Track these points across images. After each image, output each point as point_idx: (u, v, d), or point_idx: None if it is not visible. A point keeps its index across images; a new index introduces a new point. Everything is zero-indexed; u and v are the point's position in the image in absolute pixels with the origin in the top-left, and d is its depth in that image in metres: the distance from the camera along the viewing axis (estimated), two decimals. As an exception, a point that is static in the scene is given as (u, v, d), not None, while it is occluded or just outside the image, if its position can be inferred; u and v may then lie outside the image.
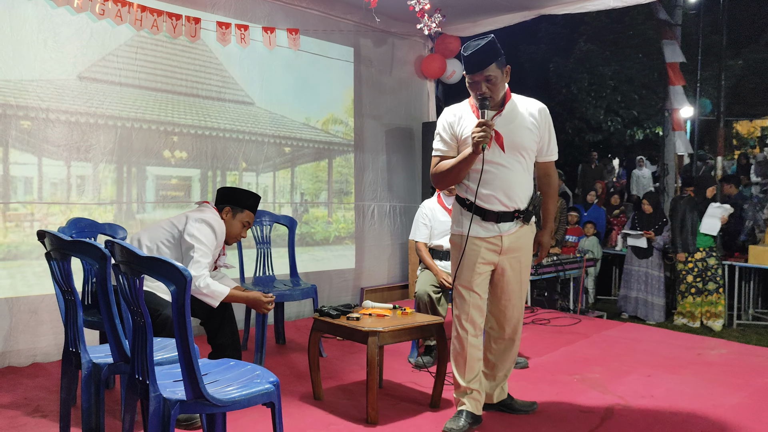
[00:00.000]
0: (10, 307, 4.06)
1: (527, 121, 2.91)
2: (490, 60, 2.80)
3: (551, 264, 6.12)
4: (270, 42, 5.39)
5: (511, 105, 2.93)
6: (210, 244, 3.28)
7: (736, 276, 6.69)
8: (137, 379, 2.18)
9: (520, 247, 3.01)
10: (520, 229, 2.99)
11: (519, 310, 3.13)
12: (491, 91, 2.83)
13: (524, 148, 2.90)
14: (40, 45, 4.21)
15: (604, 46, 14.91)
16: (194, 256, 3.18)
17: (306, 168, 5.92)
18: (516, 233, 2.97)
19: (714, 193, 6.59)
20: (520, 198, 2.94)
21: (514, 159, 2.90)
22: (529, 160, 2.96)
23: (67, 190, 4.38)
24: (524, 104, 2.95)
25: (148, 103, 4.78)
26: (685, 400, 3.53)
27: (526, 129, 2.90)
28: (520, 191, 2.93)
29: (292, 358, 4.35)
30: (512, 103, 2.94)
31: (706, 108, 15.24)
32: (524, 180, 2.94)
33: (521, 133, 2.89)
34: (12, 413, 3.18)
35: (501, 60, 2.85)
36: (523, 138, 2.89)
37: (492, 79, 2.82)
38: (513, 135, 2.88)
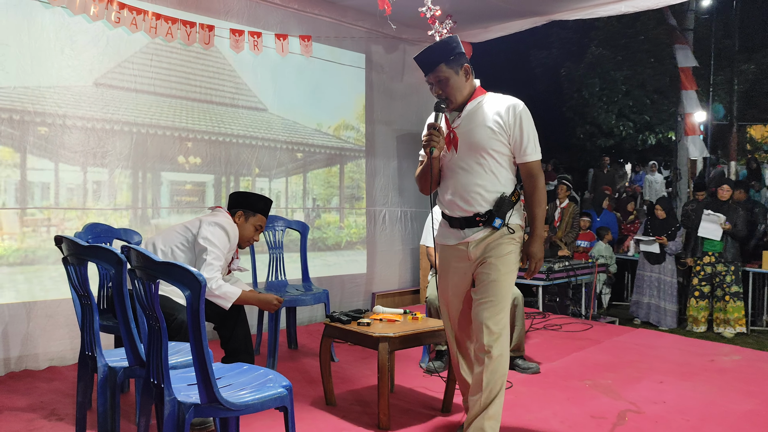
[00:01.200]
0: (27, 311, 4.12)
1: (489, 120, 2.68)
2: (439, 60, 2.68)
3: (563, 269, 6.11)
4: (283, 49, 5.44)
5: (475, 105, 2.73)
6: (223, 248, 3.32)
7: (750, 282, 6.64)
8: (152, 383, 2.21)
9: (488, 252, 2.71)
10: (489, 233, 2.71)
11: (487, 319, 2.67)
12: (445, 92, 2.71)
13: (484, 149, 2.68)
14: (57, 52, 4.28)
15: (615, 51, 14.87)
16: (207, 258, 3.22)
17: (318, 173, 5.96)
18: (484, 239, 2.72)
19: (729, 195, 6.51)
20: (479, 201, 2.70)
21: (474, 160, 2.70)
22: (495, 161, 2.70)
23: (84, 195, 4.44)
24: (492, 102, 2.72)
25: (162, 109, 4.83)
26: (698, 407, 3.52)
27: (487, 128, 2.67)
28: (478, 194, 2.70)
29: (304, 362, 4.38)
30: (476, 102, 2.74)
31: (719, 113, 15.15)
32: (486, 182, 2.70)
33: (480, 132, 2.68)
34: (29, 416, 3.22)
35: (455, 59, 2.69)
36: (481, 138, 2.68)
37: (443, 80, 2.69)
38: (470, 136, 2.70)
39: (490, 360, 2.63)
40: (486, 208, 2.70)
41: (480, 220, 2.71)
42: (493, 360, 2.63)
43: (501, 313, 2.69)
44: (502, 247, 2.71)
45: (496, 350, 2.64)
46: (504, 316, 2.70)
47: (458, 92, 2.72)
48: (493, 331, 2.65)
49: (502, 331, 2.68)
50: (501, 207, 2.68)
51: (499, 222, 2.68)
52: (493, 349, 2.63)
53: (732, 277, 6.33)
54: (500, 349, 2.65)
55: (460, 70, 2.71)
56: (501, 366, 2.65)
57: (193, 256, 3.32)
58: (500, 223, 2.68)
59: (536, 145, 2.72)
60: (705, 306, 6.43)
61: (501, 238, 2.71)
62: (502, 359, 2.65)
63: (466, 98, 2.74)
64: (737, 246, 6.42)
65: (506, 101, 2.72)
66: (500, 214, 2.68)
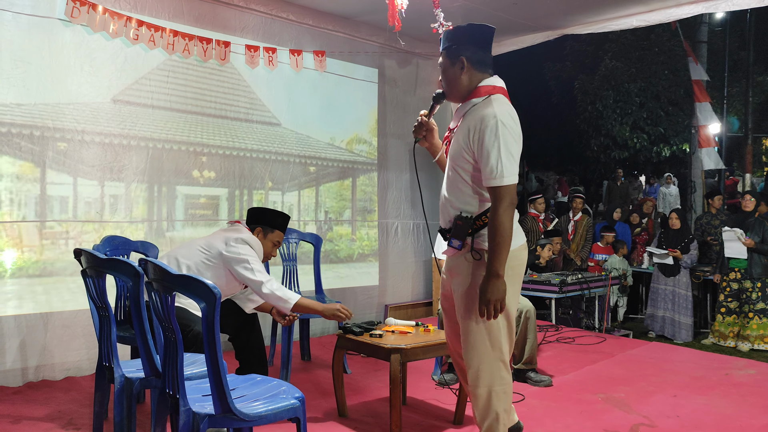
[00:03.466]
0: (45, 322, 4.19)
1: (465, 129, 2.43)
2: (441, 47, 2.54)
3: (576, 282, 6.10)
4: (297, 64, 5.52)
5: (465, 109, 2.49)
6: (256, 256, 3.34)
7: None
8: (168, 394, 2.25)
9: (454, 275, 2.54)
10: (454, 253, 2.51)
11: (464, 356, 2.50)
12: (443, 83, 2.57)
13: (453, 161, 2.50)
14: (76, 69, 4.38)
15: (629, 63, 14.85)
16: (253, 266, 3.23)
17: (330, 187, 6.02)
18: (450, 257, 2.56)
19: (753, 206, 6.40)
20: (445, 216, 2.55)
21: (449, 171, 2.54)
22: (460, 177, 2.47)
23: (101, 208, 4.52)
24: (480, 110, 2.41)
25: (178, 124, 4.92)
26: (712, 421, 3.50)
27: (460, 139, 2.45)
28: (446, 208, 2.54)
29: (317, 374, 4.40)
30: (470, 105, 2.48)
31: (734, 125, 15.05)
32: (454, 199, 2.50)
33: (456, 145, 2.48)
34: (47, 426, 3.28)
35: (452, 49, 2.49)
36: (456, 151, 2.49)
37: (441, 69, 2.54)
38: (453, 146, 2.53)
39: (475, 398, 2.49)
40: (447, 225, 2.52)
41: (445, 236, 2.53)
42: (477, 398, 2.48)
43: (472, 351, 2.46)
44: (461, 274, 2.49)
45: (478, 389, 2.46)
46: (475, 356, 2.45)
47: (451, 85, 2.53)
48: (470, 366, 2.48)
49: (480, 365, 2.44)
50: (456, 227, 2.45)
51: (458, 243, 2.44)
52: (476, 388, 2.47)
53: (758, 294, 6.21)
54: (483, 387, 2.45)
55: (456, 62, 2.48)
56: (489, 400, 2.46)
57: (217, 272, 3.30)
58: (459, 244, 2.44)
59: (500, 167, 2.31)
60: (732, 321, 6.35)
61: (462, 263, 2.49)
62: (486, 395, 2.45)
63: (463, 95, 2.52)
64: (764, 262, 6.26)
65: (485, 110, 2.38)
66: (456, 234, 2.45)
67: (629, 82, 14.70)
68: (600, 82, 15.04)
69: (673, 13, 5.30)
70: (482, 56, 2.50)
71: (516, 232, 2.45)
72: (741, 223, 6.30)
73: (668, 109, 14.93)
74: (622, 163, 15.43)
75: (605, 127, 15.07)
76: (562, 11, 5.60)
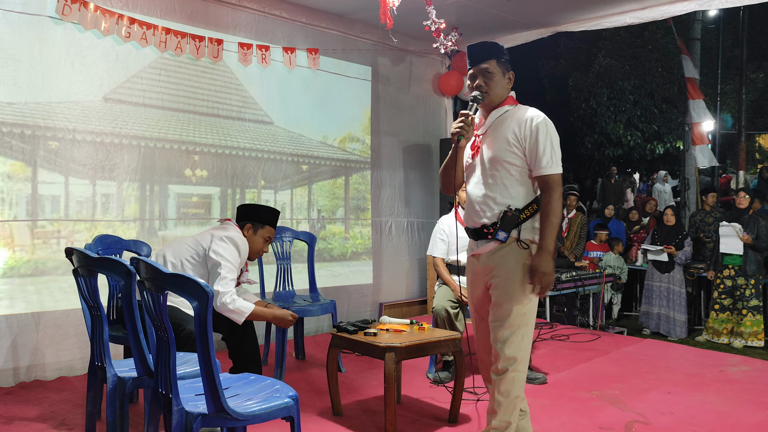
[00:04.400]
0: (37, 321, 4.16)
1: (509, 131, 2.65)
2: (491, 56, 2.69)
3: (570, 279, 6.10)
4: (290, 62, 5.50)
5: (501, 113, 2.71)
6: (235, 261, 3.34)
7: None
8: (160, 393, 2.24)
9: (497, 267, 2.65)
10: (497, 247, 2.65)
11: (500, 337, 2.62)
12: (487, 86, 2.68)
13: (498, 161, 2.66)
14: (67, 68, 4.35)
15: (623, 61, 14.88)
16: (221, 272, 3.24)
17: (323, 185, 6.00)
18: (492, 251, 2.67)
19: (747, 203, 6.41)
20: (487, 213, 2.68)
21: (489, 171, 2.69)
22: (507, 173, 2.65)
23: (93, 207, 4.49)
24: (516, 114, 2.69)
25: (170, 123, 4.89)
26: (706, 418, 3.50)
27: (504, 139, 2.65)
28: (487, 206, 2.68)
29: (311, 373, 4.39)
30: (503, 111, 2.71)
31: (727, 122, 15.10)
32: (497, 194, 2.66)
33: (498, 145, 2.67)
34: (39, 426, 3.25)
35: (505, 62, 2.72)
36: (498, 149, 2.66)
37: (489, 73, 2.68)
38: (490, 145, 2.70)
39: (501, 383, 2.59)
40: (493, 221, 2.66)
41: (487, 232, 2.67)
42: (504, 384, 2.58)
43: (514, 335, 2.59)
44: (508, 264, 2.63)
45: (509, 374, 2.58)
46: (517, 338, 2.59)
47: (496, 93, 2.71)
48: (505, 354, 2.59)
49: (517, 353, 2.59)
50: (505, 220, 2.62)
51: (504, 235, 2.61)
52: (507, 373, 2.58)
53: (752, 291, 6.21)
54: (513, 373, 2.58)
55: (507, 73, 2.73)
56: (514, 388, 2.58)
57: (203, 270, 3.34)
58: (505, 236, 2.61)
59: (553, 158, 2.61)
60: (726, 318, 6.36)
61: (509, 254, 2.63)
62: (514, 383, 2.58)
63: (498, 102, 2.72)
64: (759, 259, 6.27)
65: (528, 113, 2.66)
66: (504, 227, 2.62)
67: (623, 79, 14.74)
68: (594, 80, 15.07)
69: (667, 10, 5.31)
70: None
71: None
72: (735, 220, 6.31)
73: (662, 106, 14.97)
74: (616, 160, 15.46)
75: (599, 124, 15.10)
76: (556, 8, 5.60)
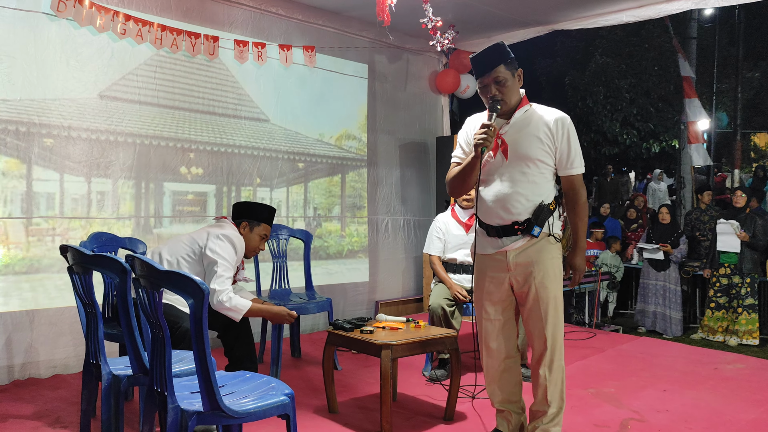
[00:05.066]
0: (31, 319, 4.15)
1: (539, 130, 2.71)
2: (498, 61, 2.70)
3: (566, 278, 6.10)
4: (286, 59, 5.49)
5: (524, 112, 2.76)
6: (231, 259, 3.33)
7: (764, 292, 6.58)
8: (156, 391, 2.23)
9: (531, 262, 2.74)
10: (529, 242, 2.73)
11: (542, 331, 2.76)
12: (502, 94, 2.70)
13: (530, 159, 2.71)
14: (62, 65, 4.32)
15: (620, 59, 14.88)
16: (217, 270, 3.23)
17: (319, 183, 5.99)
18: (523, 248, 2.74)
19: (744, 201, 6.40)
20: (519, 210, 2.72)
21: (519, 169, 2.72)
22: (538, 171, 2.73)
23: (88, 205, 4.48)
24: (541, 113, 2.76)
25: (166, 120, 4.88)
26: (701, 415, 3.51)
27: (536, 138, 2.71)
28: (518, 203, 2.72)
29: (307, 371, 4.39)
30: (526, 110, 2.77)
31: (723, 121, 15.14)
32: (529, 191, 2.72)
33: (529, 142, 2.71)
34: (34, 424, 3.24)
35: (511, 62, 2.73)
36: (529, 148, 2.71)
37: (501, 81, 2.70)
38: (519, 144, 2.72)
39: (551, 373, 2.78)
40: (525, 217, 2.72)
41: (518, 228, 2.73)
42: (553, 373, 2.78)
43: (557, 327, 2.79)
44: (546, 257, 2.76)
45: (555, 363, 2.78)
46: (559, 329, 2.80)
47: (513, 95, 2.75)
48: (553, 345, 2.77)
49: (556, 343, 2.78)
50: (539, 215, 2.70)
51: (538, 230, 2.71)
52: (553, 363, 2.77)
53: (747, 290, 6.22)
54: (559, 362, 2.79)
55: (516, 73, 2.75)
56: (561, 377, 2.81)
57: (200, 268, 3.31)
58: (539, 231, 2.72)
59: (581, 159, 2.77)
60: (721, 316, 6.37)
61: (543, 250, 2.76)
62: (561, 371, 2.80)
63: (515, 104, 2.77)
64: (755, 257, 6.28)
65: (554, 113, 2.76)
66: (539, 222, 2.71)
67: (619, 78, 14.75)
68: (590, 79, 15.07)
69: (663, 9, 5.31)
70: None
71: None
72: (732, 218, 6.32)
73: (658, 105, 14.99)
74: (612, 159, 15.47)
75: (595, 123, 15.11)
76: (553, 6, 5.60)
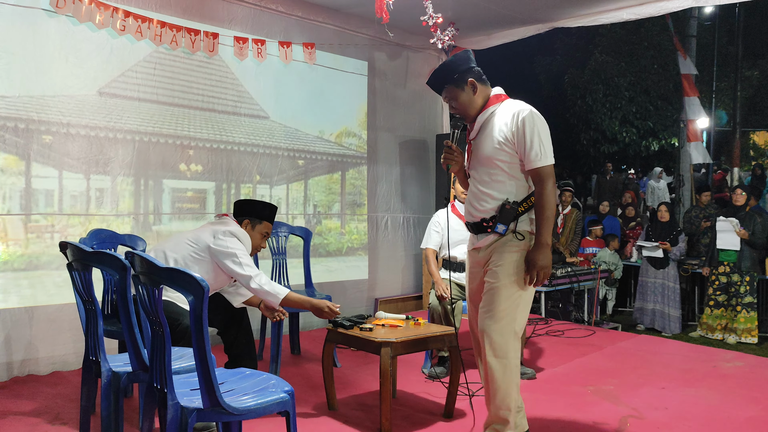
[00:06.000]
0: (30, 316, 4.15)
1: (498, 131, 2.73)
2: (443, 82, 2.82)
3: (565, 275, 6.11)
4: (286, 56, 5.48)
5: (486, 116, 2.80)
6: (244, 251, 3.31)
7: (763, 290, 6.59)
8: (155, 388, 2.23)
9: (493, 256, 2.77)
10: (495, 239, 2.76)
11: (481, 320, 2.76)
12: (457, 109, 2.84)
13: (490, 160, 2.76)
14: (61, 61, 4.32)
15: (619, 57, 14.89)
16: (241, 260, 3.21)
17: (319, 180, 5.99)
18: (490, 245, 2.79)
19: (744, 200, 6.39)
20: (485, 208, 2.78)
21: (485, 171, 2.79)
22: (503, 170, 2.75)
23: (87, 202, 4.47)
24: (502, 112, 2.77)
25: (165, 117, 4.87)
26: (699, 413, 3.52)
27: (493, 139, 2.74)
28: (485, 201, 2.78)
29: (306, 368, 4.39)
30: (489, 113, 2.80)
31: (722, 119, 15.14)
32: (495, 191, 2.76)
33: (487, 144, 2.77)
34: (33, 420, 3.24)
35: (458, 78, 2.78)
36: (487, 149, 2.76)
37: (452, 99, 2.83)
38: (480, 148, 2.80)
39: (495, 371, 2.69)
40: (491, 215, 2.77)
41: (486, 225, 2.78)
42: (495, 370, 2.69)
43: (502, 322, 2.69)
44: (504, 254, 2.74)
45: (501, 360, 2.69)
46: (506, 325, 2.69)
47: (468, 107, 2.82)
48: (494, 340, 2.69)
49: (508, 341, 2.69)
50: (503, 213, 2.72)
51: (503, 228, 2.72)
52: (500, 360, 2.69)
53: (746, 288, 6.22)
54: (503, 360, 2.68)
55: (466, 87, 2.79)
56: (507, 375, 2.68)
57: (206, 267, 3.26)
58: (504, 228, 2.72)
59: (543, 150, 2.68)
60: (720, 314, 6.37)
61: (505, 244, 2.75)
62: (507, 370, 2.68)
63: (479, 110, 2.82)
64: (754, 255, 6.27)
65: (513, 108, 2.74)
66: (502, 219, 2.72)
67: (619, 76, 14.75)
68: (590, 77, 15.08)
69: (664, 7, 5.30)
70: (482, 73, 2.84)
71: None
72: (732, 216, 6.32)
73: (657, 103, 14.99)
74: (611, 157, 15.47)
75: (595, 121, 15.12)
76: (553, 4, 5.59)
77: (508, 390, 2.69)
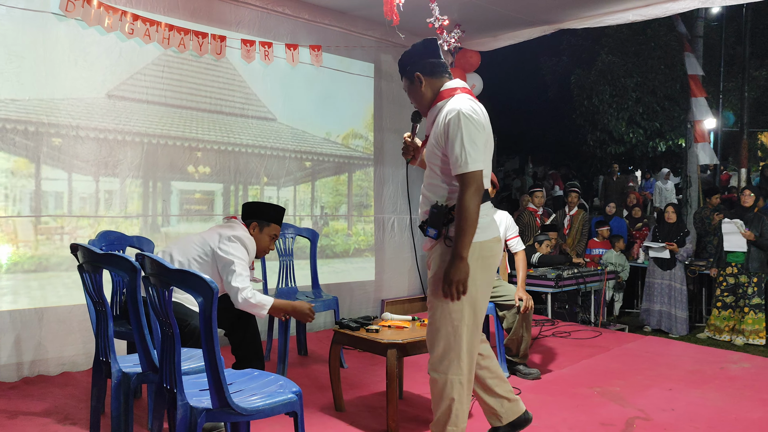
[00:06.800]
0: (40, 317, 4.18)
1: (435, 130, 2.60)
2: (402, 75, 2.76)
3: (571, 276, 6.11)
4: (293, 59, 5.51)
5: (434, 112, 2.66)
6: (245, 259, 3.34)
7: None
8: (165, 388, 2.25)
9: (431, 265, 2.66)
10: (431, 244, 2.64)
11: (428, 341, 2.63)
12: (412, 101, 2.77)
13: (428, 158, 2.66)
14: (71, 64, 4.35)
15: (626, 58, 14.83)
16: (236, 270, 3.23)
17: (326, 182, 6.01)
18: (428, 249, 2.67)
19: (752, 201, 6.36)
20: (423, 210, 2.68)
21: (427, 171, 2.71)
22: (435, 173, 2.62)
23: (96, 204, 4.51)
24: (444, 110, 2.58)
25: (173, 120, 4.90)
26: (707, 414, 3.52)
27: (430, 139, 2.63)
28: (423, 204, 2.68)
29: (313, 369, 4.41)
30: (435, 110, 2.65)
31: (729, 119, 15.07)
32: (431, 193, 2.64)
33: (429, 143, 2.66)
34: (43, 421, 3.27)
35: (408, 71, 2.70)
36: (427, 149, 2.67)
37: (407, 93, 2.76)
38: (427, 145, 2.70)
39: (433, 384, 2.61)
40: (425, 218, 2.65)
41: (422, 229, 2.67)
42: (432, 383, 2.61)
43: (437, 334, 2.56)
44: (436, 261, 2.61)
45: (434, 374, 2.59)
46: (442, 338, 2.55)
47: (418, 101, 2.73)
48: (431, 353, 2.61)
49: (440, 351, 2.55)
50: (431, 216, 2.58)
51: (434, 232, 2.57)
52: (433, 373, 2.60)
53: (754, 289, 6.21)
54: (438, 374, 2.57)
55: (414, 80, 2.68)
56: (445, 390, 2.55)
57: (212, 269, 3.30)
58: (435, 233, 2.57)
59: (463, 156, 2.44)
60: (728, 316, 6.36)
61: (436, 251, 2.62)
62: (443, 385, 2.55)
63: (430, 105, 2.69)
64: (762, 257, 6.25)
65: (445, 109, 2.57)
66: (432, 223, 2.58)
67: (625, 77, 14.70)
68: (596, 77, 15.03)
69: (670, 8, 5.29)
70: (434, 65, 2.68)
71: (489, 224, 2.61)
72: (740, 218, 6.31)
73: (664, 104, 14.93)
74: (618, 157, 15.42)
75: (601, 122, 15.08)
76: (559, 5, 5.59)
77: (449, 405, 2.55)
